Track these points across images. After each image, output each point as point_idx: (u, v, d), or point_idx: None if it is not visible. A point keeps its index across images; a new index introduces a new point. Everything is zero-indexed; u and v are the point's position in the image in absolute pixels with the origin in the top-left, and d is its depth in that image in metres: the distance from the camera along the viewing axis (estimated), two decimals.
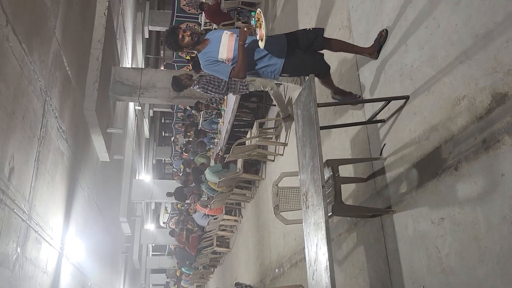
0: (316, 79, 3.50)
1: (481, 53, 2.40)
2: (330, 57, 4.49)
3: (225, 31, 3.69)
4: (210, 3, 10.00)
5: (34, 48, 5.12)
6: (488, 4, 2.36)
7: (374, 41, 3.49)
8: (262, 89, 5.58)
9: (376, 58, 3.48)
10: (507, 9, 2.24)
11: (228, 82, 5.55)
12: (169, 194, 11.82)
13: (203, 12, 10.61)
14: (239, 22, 8.77)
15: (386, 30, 3.39)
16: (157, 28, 17.51)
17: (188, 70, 12.65)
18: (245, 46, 3.50)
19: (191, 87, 5.66)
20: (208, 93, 5.56)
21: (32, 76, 5.12)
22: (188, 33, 3.60)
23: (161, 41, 22.08)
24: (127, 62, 13.24)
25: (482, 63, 2.39)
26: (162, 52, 22.13)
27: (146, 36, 17.37)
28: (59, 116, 6.28)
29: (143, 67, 17.39)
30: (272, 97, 5.71)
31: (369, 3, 3.77)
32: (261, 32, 3.40)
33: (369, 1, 3.78)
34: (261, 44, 3.41)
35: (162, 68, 19.79)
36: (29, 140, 5.09)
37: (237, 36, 3.56)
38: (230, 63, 3.56)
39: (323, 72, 3.68)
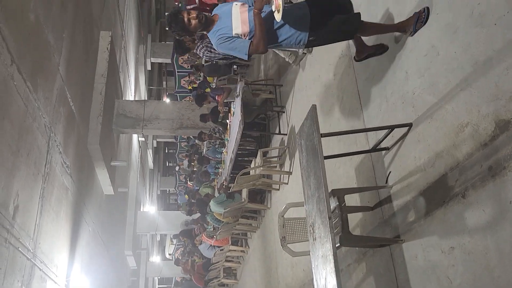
0: None
1: (482, 80, 2.41)
2: (331, 85, 4.54)
3: (234, 3, 3.23)
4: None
5: (38, 86, 5.19)
6: (487, 32, 2.39)
7: (413, 15, 3.05)
8: None
9: (412, 35, 3.07)
10: (506, 37, 2.26)
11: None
12: (175, 236, 11.94)
13: None
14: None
15: (427, 8, 2.93)
16: (159, 60, 17.76)
17: (190, 100, 12.77)
18: (262, 15, 3.01)
19: (195, 50, 5.61)
20: (212, 51, 5.44)
21: (36, 113, 5.17)
22: (194, 15, 3.16)
23: (163, 72, 22.40)
24: (130, 95, 13.38)
25: (484, 90, 2.39)
26: (164, 83, 22.40)
27: (149, 68, 17.60)
28: (64, 152, 6.30)
29: (146, 98, 17.57)
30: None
31: None
32: (277, 2, 2.86)
33: None
34: (277, 16, 2.92)
35: (165, 98, 20.00)
36: (33, 177, 5.09)
37: (250, 6, 3.14)
38: (248, 38, 3.07)
39: (354, 33, 3.29)
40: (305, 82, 5.48)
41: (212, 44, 5.41)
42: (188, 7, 7.72)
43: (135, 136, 14.65)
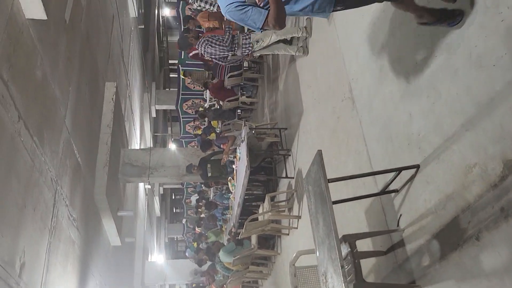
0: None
1: (486, 120, 2.40)
2: (336, 127, 4.55)
3: None
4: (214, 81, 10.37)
5: (45, 140, 5.24)
6: (486, 73, 2.40)
7: None
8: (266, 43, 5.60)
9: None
10: (506, 78, 2.27)
11: (232, 36, 5.66)
12: None
13: (207, 89, 10.97)
14: (243, 97, 9.02)
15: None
16: (164, 107, 18.03)
17: (195, 146, 12.84)
18: None
19: (196, 46, 5.80)
20: (213, 46, 5.59)
21: (43, 167, 5.19)
22: None
23: (168, 118, 22.66)
24: (135, 143, 13.48)
25: (489, 130, 2.38)
26: (169, 128, 22.62)
27: (154, 115, 17.83)
28: (70, 204, 6.28)
29: (151, 146, 17.69)
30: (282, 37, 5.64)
31: (369, 75, 3.87)
32: None
33: (368, 73, 3.88)
34: None
35: (171, 144, 20.13)
36: (40, 232, 5.05)
37: None
38: (262, 4, 2.68)
39: None
40: (310, 125, 5.51)
41: (213, 39, 5.57)
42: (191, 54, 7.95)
43: (141, 184, 14.63)
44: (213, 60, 6.03)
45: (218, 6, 5.96)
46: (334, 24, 4.77)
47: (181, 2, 12.56)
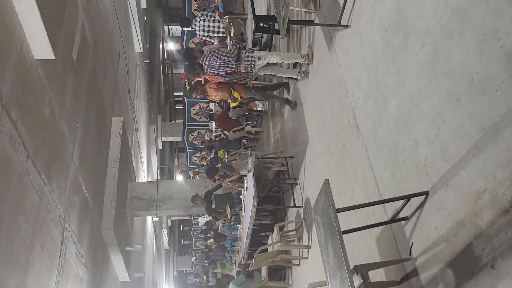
0: None
1: (492, 145, 2.39)
2: (342, 155, 4.54)
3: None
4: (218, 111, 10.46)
5: (53, 177, 5.27)
6: (489, 99, 2.41)
7: None
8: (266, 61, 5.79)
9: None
10: (508, 102, 2.28)
11: (238, 47, 5.89)
12: None
13: (213, 120, 11.06)
14: (249, 127, 9.06)
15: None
16: (170, 139, 18.14)
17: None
18: None
19: (200, 61, 5.97)
20: (219, 57, 5.76)
21: (51, 205, 5.20)
22: None
23: (174, 149, 22.77)
24: (142, 176, 13.51)
25: (495, 155, 2.37)
26: (176, 160, 22.68)
27: (160, 147, 17.93)
28: (78, 241, 6.25)
29: (158, 178, 17.72)
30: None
31: (372, 103, 3.89)
32: None
33: (371, 100, 3.91)
34: None
35: (178, 176, 20.14)
36: (47, 271, 5.01)
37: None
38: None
39: None
40: (316, 153, 5.51)
41: (219, 50, 5.73)
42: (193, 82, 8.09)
43: (149, 217, 14.58)
44: (215, 75, 6.10)
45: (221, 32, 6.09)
46: (335, 53, 4.84)
47: (185, 35, 12.83)
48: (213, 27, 6.61)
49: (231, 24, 6.76)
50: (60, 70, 5.63)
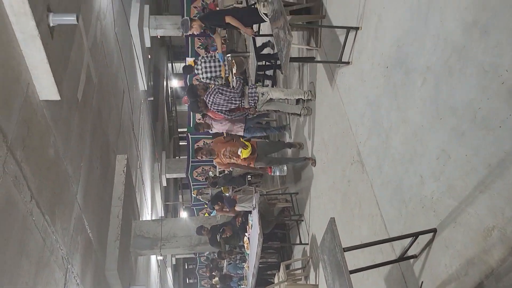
0: None
1: (499, 182, 2.37)
2: (347, 191, 4.50)
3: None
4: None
5: (56, 217, 5.24)
6: (493, 134, 2.41)
7: None
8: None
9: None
10: None
11: (242, 83, 5.96)
12: None
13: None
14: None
15: None
16: (174, 175, 18.11)
17: (206, 213, 12.75)
18: None
19: (204, 98, 5.97)
20: (223, 93, 5.81)
21: (54, 246, 5.14)
22: None
23: (179, 185, 22.69)
24: (146, 213, 13.42)
25: (503, 191, 2.34)
26: (180, 196, 22.56)
27: (164, 184, 17.89)
28: (81, 282, 6.14)
29: (162, 215, 17.58)
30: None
31: (376, 139, 3.89)
32: None
33: (375, 136, 3.91)
34: None
35: (182, 212, 19.98)
36: None
37: None
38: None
39: None
40: (321, 189, 5.47)
41: (223, 87, 5.79)
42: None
43: (153, 255, 14.37)
44: (218, 112, 6.13)
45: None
46: (337, 89, 4.89)
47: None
48: (215, 67, 6.72)
49: (234, 61, 6.87)
50: (65, 110, 5.69)
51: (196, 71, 6.68)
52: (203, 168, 14.32)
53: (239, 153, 6.00)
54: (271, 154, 6.60)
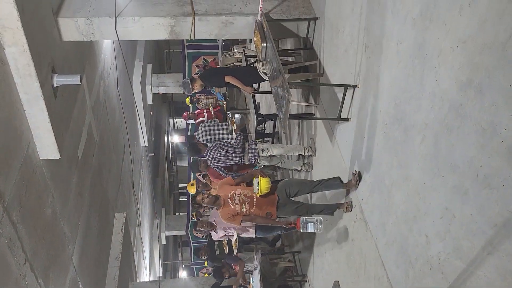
0: None
1: (507, 242, 2.29)
2: (351, 250, 4.38)
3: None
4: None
5: (50, 280, 5.06)
6: (497, 193, 2.36)
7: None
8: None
9: None
10: None
11: (242, 139, 5.90)
12: None
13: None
14: None
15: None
16: (174, 233, 17.77)
17: (206, 274, 12.39)
18: None
19: (205, 154, 5.88)
20: (224, 149, 5.71)
21: None
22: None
23: (178, 243, 22.22)
24: (144, 274, 13.03)
25: (511, 253, 2.26)
26: (180, 254, 22.02)
27: (163, 242, 17.52)
28: None
29: (161, 275, 17.07)
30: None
31: (378, 196, 3.84)
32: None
33: (376, 194, 3.86)
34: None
35: (181, 271, 19.42)
36: None
37: None
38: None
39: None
40: (324, 248, 5.33)
41: (225, 143, 5.67)
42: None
43: None
44: (217, 168, 6.10)
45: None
46: (337, 145, 4.89)
47: (189, 128, 13.22)
48: (214, 130, 6.78)
49: (233, 119, 6.95)
50: (65, 168, 5.68)
51: (196, 136, 6.72)
52: (203, 224, 14.06)
53: (255, 189, 4.56)
54: (298, 197, 4.98)
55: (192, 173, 12.49)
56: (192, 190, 7.08)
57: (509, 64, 2.24)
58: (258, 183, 4.47)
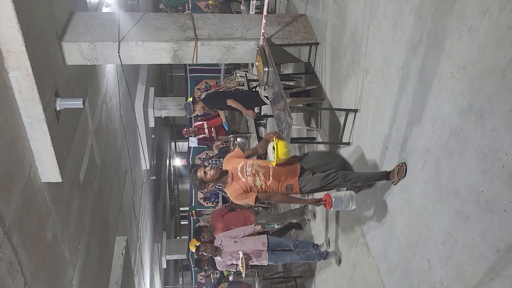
0: None
1: (509, 268, 2.27)
2: (353, 276, 4.33)
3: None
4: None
5: None
6: (498, 218, 2.35)
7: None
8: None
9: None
10: None
11: None
12: None
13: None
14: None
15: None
16: (175, 257, 17.60)
17: None
18: None
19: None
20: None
21: None
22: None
23: (179, 267, 21.98)
24: None
25: None
26: (181, 279, 21.76)
27: (164, 266, 17.33)
28: None
29: None
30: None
31: (377, 220, 3.81)
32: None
33: (376, 218, 3.83)
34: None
35: None
36: None
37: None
38: None
39: None
40: (326, 273, 5.27)
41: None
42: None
43: None
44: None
45: None
46: None
47: (191, 151, 13.23)
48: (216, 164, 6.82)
49: (235, 143, 6.97)
50: (67, 192, 5.67)
51: None
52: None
53: (270, 156, 3.68)
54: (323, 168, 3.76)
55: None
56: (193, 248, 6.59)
57: (509, 90, 2.26)
58: (273, 147, 3.54)
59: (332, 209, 3.49)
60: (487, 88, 2.44)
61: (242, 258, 5.04)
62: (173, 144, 22.45)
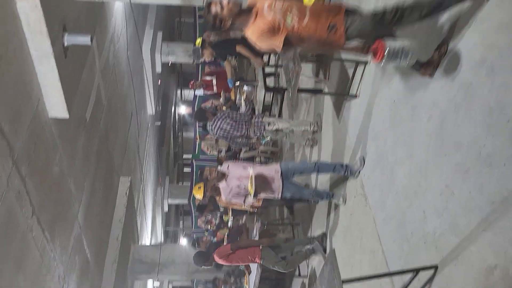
0: None
1: (503, 220, 2.34)
2: (349, 224, 4.46)
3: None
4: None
5: (56, 235, 5.20)
6: (497, 172, 2.40)
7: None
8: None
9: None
10: None
11: (251, 107, 5.61)
12: None
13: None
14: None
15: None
16: (176, 201, 18.02)
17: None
18: None
19: (212, 123, 5.76)
20: (232, 118, 5.62)
21: (51, 264, 5.09)
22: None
23: (180, 212, 22.55)
24: (146, 237, 13.30)
25: (506, 230, 2.32)
26: (181, 222, 22.38)
27: (166, 209, 17.78)
28: None
29: (162, 240, 17.41)
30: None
31: (380, 172, 3.88)
32: None
33: (379, 170, 3.90)
34: None
35: (182, 239, 19.78)
36: None
37: None
38: None
39: None
40: (322, 221, 5.42)
41: (233, 112, 5.57)
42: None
43: (150, 282, 14.15)
44: (223, 139, 6.09)
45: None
46: (343, 121, 4.92)
47: (197, 100, 13.21)
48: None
49: (243, 90, 6.95)
50: (73, 129, 5.75)
51: (209, 130, 6.39)
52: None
53: None
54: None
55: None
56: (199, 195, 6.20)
57: None
58: None
59: (383, 61, 2.73)
60: (501, 42, 2.42)
61: (252, 176, 4.47)
62: (179, 92, 22.38)
